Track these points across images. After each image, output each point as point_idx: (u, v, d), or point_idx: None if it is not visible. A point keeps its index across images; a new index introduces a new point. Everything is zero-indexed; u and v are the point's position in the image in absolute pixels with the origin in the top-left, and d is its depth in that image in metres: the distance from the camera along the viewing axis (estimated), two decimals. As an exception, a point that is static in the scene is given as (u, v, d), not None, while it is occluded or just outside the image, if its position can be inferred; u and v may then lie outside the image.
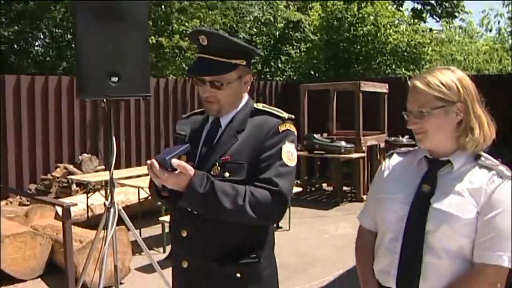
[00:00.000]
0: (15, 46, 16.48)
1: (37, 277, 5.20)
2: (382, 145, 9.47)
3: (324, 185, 10.51)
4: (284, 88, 13.03)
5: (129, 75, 3.31)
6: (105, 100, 3.52)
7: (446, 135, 1.71)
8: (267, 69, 19.43)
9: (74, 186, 7.70)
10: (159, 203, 1.77)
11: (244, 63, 1.91)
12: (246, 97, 2.03)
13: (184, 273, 1.96)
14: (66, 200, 5.65)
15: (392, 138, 9.15)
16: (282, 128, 1.91)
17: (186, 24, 13.53)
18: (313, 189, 10.25)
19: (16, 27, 14.20)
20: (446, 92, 1.67)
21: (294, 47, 18.82)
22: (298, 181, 9.58)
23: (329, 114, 10.06)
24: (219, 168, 1.85)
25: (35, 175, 8.20)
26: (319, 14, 16.18)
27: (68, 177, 7.47)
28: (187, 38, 13.18)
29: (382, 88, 9.73)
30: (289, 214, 7.15)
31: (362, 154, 9.01)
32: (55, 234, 5.31)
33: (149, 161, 1.74)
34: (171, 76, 13.10)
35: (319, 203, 9.05)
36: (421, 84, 1.69)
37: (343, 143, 8.81)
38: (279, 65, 19.47)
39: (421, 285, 1.67)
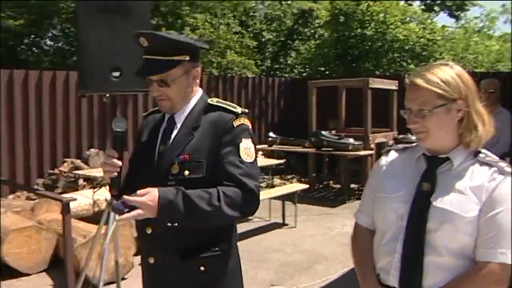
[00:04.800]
0: (25, 40, 16.56)
1: (41, 271, 5.22)
2: (391, 142, 9.39)
3: (332, 182, 10.46)
4: (293, 85, 12.97)
5: (131, 70, 3.28)
6: (107, 94, 3.51)
7: (448, 133, 1.67)
8: (276, 66, 19.38)
9: (81, 181, 7.71)
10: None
11: (187, 58, 1.92)
12: (199, 92, 2.05)
13: (151, 269, 2.00)
14: (71, 195, 5.65)
15: (401, 136, 9.07)
16: (236, 123, 1.93)
17: (196, 16, 13.52)
18: (320, 186, 10.20)
19: (22, 21, 14.24)
20: (447, 90, 1.63)
21: (304, 43, 18.74)
22: (306, 178, 9.54)
23: (338, 111, 10.01)
24: (178, 166, 1.87)
25: (43, 169, 8.22)
26: (328, 11, 16.09)
27: (75, 172, 7.48)
28: (197, 31, 13.20)
29: (391, 85, 9.65)
30: (295, 211, 7.11)
31: (371, 152, 8.95)
32: (60, 229, 5.31)
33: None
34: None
35: (327, 201, 9.00)
36: (421, 82, 1.65)
37: (351, 140, 8.75)
38: (289, 61, 19.42)
39: (424, 285, 1.64)
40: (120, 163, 1.90)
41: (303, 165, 10.40)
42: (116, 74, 3.24)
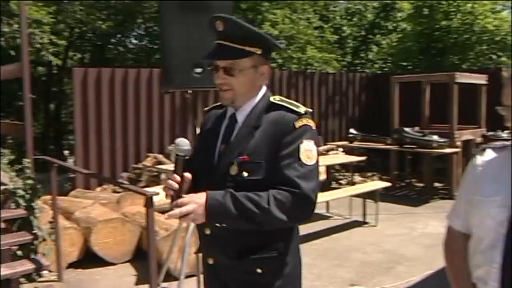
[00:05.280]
0: (111, 40, 17.31)
1: (126, 262, 5.41)
2: (479, 140, 8.93)
3: (414, 180, 10.11)
4: (374, 80, 12.68)
5: (212, 66, 3.31)
6: (189, 91, 3.56)
7: None
8: (357, 61, 19.02)
9: (163, 175, 7.93)
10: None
11: (259, 52, 1.86)
12: (263, 90, 1.96)
13: (210, 269, 1.98)
14: (154, 189, 5.81)
15: (490, 133, 8.61)
16: (298, 124, 1.82)
17: (276, 12, 13.53)
18: (402, 184, 9.89)
19: (110, 22, 14.88)
20: None
21: (385, 37, 18.26)
22: (387, 176, 9.29)
23: (421, 107, 9.65)
24: (237, 167, 1.81)
25: (127, 164, 8.54)
26: (411, 3, 15.56)
27: (158, 166, 7.70)
28: (277, 26, 13.20)
29: (480, 79, 9.17)
30: (377, 209, 6.93)
31: (457, 149, 8.55)
32: (144, 222, 5.48)
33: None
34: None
35: (409, 199, 8.71)
36: None
37: (435, 138, 8.41)
38: (370, 56, 19.00)
39: None
40: (177, 186, 1.81)
41: (384, 163, 10.14)
42: (199, 70, 3.27)
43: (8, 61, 7.44)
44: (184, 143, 1.82)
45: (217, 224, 1.79)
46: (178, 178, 1.79)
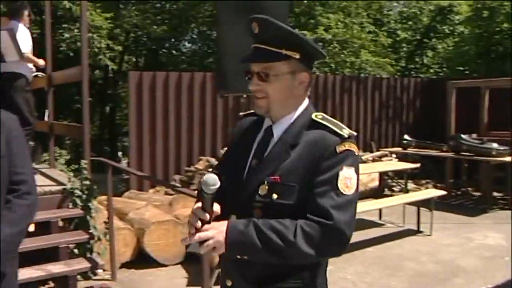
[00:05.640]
0: (166, 44, 17.65)
1: (177, 264, 5.47)
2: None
3: (471, 189, 9.77)
4: (429, 85, 12.37)
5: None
6: (244, 95, 3.56)
7: None
8: (412, 65, 18.63)
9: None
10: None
11: (297, 56, 1.69)
12: (305, 103, 1.78)
13: None
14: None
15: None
16: (340, 148, 1.64)
17: (329, 16, 13.43)
18: (458, 193, 9.58)
19: (165, 26, 15.17)
20: None
21: (441, 41, 17.80)
22: (442, 184, 9.03)
23: (480, 114, 9.33)
24: (267, 187, 1.65)
25: (180, 166, 8.66)
26: (469, 5, 15.10)
27: (210, 169, 7.76)
28: (330, 31, 13.09)
29: (543, 85, 8.79)
30: (431, 218, 6.73)
31: (517, 158, 8.22)
32: (195, 224, 5.53)
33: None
34: (315, 71, 13.12)
35: (465, 209, 8.42)
36: None
37: (495, 145, 8.11)
38: (425, 61, 18.57)
39: None
40: (199, 224, 1.63)
41: (439, 170, 9.86)
42: (254, 75, 3.26)
43: (66, 64, 7.70)
44: (212, 181, 1.58)
45: (238, 257, 1.63)
46: (207, 216, 1.60)
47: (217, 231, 1.58)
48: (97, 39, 12.55)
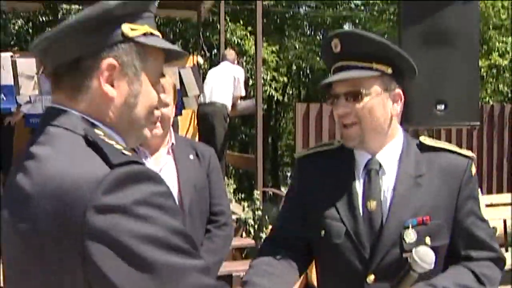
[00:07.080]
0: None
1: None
2: None
3: None
4: None
5: (456, 102, 3.06)
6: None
7: None
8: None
9: None
10: None
11: (389, 71, 1.44)
12: (399, 129, 1.54)
13: None
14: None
15: None
16: (474, 170, 1.48)
17: (503, 40, 12.50)
18: None
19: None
20: None
21: None
22: None
23: None
24: (415, 231, 1.39)
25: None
26: None
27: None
28: (507, 55, 12.13)
29: None
30: None
31: None
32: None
33: None
34: (488, 100, 12.21)
35: None
36: None
37: None
38: None
39: None
40: None
41: None
42: (441, 107, 3.05)
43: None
44: (429, 257, 1.28)
45: None
46: None
47: None
48: (264, 72, 13.07)
